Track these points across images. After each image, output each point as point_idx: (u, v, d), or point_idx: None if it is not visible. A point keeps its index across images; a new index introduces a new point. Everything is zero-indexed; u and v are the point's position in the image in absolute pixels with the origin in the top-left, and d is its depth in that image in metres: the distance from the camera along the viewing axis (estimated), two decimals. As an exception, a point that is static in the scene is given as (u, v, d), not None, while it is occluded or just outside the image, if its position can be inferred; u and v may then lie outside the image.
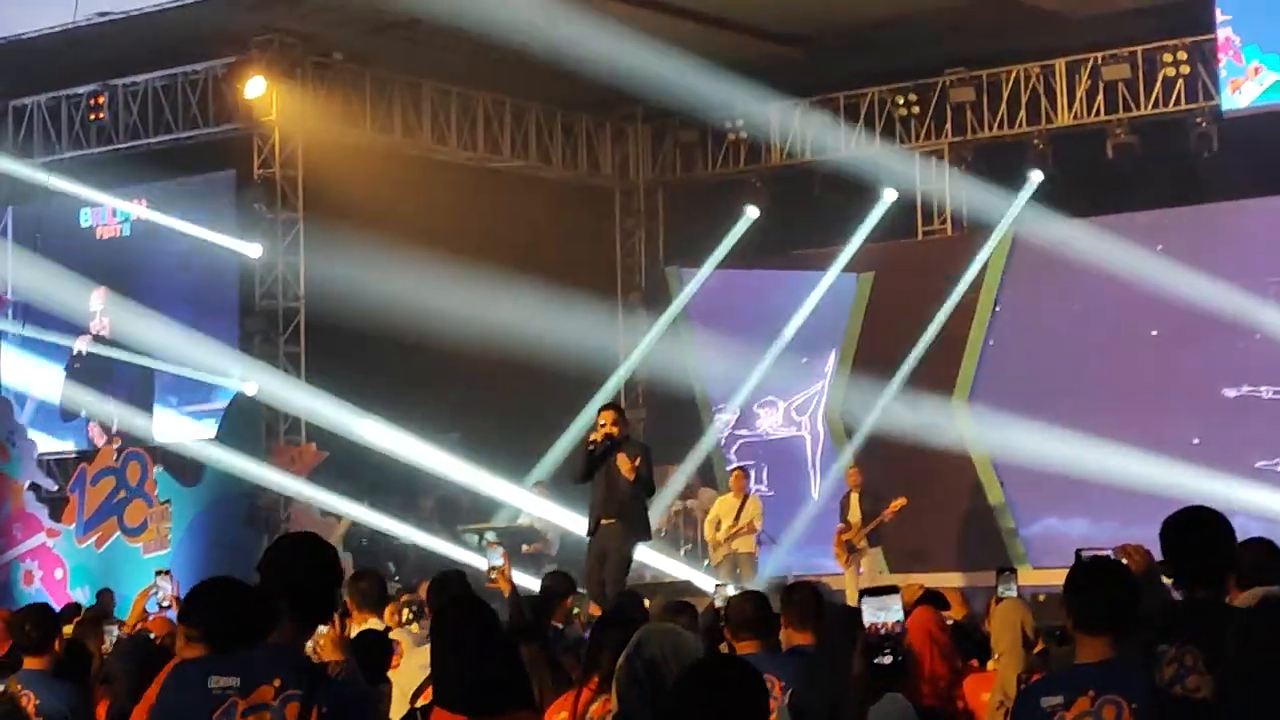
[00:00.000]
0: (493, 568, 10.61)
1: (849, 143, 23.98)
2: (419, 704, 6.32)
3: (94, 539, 22.05)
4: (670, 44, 22.31)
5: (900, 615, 4.85)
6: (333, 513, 21.05)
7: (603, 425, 14.60)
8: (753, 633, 7.67)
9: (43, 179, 22.91)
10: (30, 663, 8.03)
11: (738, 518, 20.49)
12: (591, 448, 14.66)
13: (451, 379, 20.98)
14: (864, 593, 4.86)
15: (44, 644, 8.04)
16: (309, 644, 5.92)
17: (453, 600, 6.66)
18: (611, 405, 15.05)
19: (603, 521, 14.69)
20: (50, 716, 7.79)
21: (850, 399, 23.37)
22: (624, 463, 14.35)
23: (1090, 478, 20.89)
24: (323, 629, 5.94)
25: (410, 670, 7.94)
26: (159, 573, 9.95)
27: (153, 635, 9.12)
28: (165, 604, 9.74)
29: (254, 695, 4.84)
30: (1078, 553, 5.77)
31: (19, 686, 7.83)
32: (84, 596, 20.20)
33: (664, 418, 25.24)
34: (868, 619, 4.83)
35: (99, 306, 22.72)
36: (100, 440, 23.04)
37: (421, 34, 21.71)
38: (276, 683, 4.85)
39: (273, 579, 5.07)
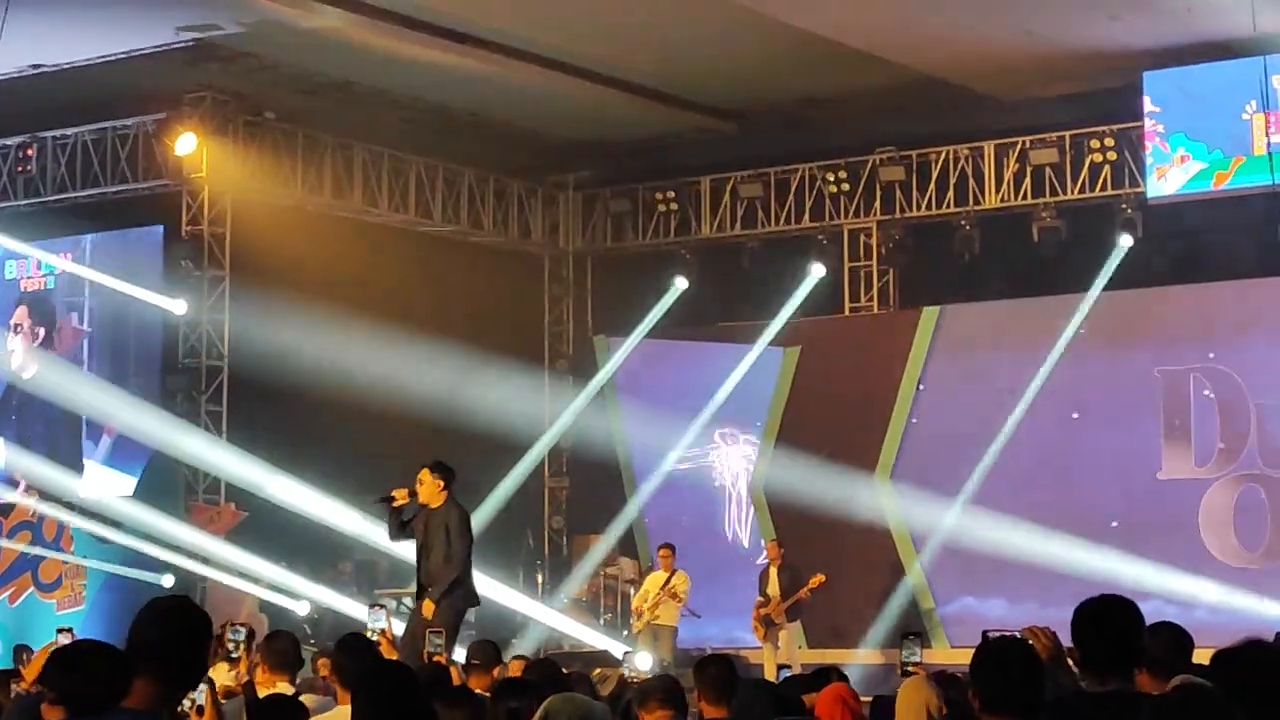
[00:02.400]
0: (373, 630, 10.51)
1: (779, 218, 24.10)
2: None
3: (7, 594, 21.84)
4: (604, 114, 22.44)
5: None
6: (250, 574, 20.88)
7: (420, 484, 14.08)
8: (668, 706, 7.66)
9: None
10: None
11: (664, 588, 20.44)
12: (391, 503, 14.24)
13: (374, 442, 20.87)
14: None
15: None
16: (185, 705, 5.88)
17: (378, 665, 6.64)
18: (433, 465, 14.42)
19: (429, 588, 14.03)
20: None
21: (772, 472, 23.38)
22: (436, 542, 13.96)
23: (1009, 558, 20.96)
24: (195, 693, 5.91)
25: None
26: (60, 630, 9.84)
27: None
28: None
29: None
30: (984, 634, 5.77)
31: None
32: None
33: (587, 486, 25.21)
34: None
35: (19, 335, 22.43)
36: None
37: (355, 96, 21.75)
38: None
39: (134, 641, 5.00)
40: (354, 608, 20.55)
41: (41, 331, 22.61)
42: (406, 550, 14.66)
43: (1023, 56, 20.63)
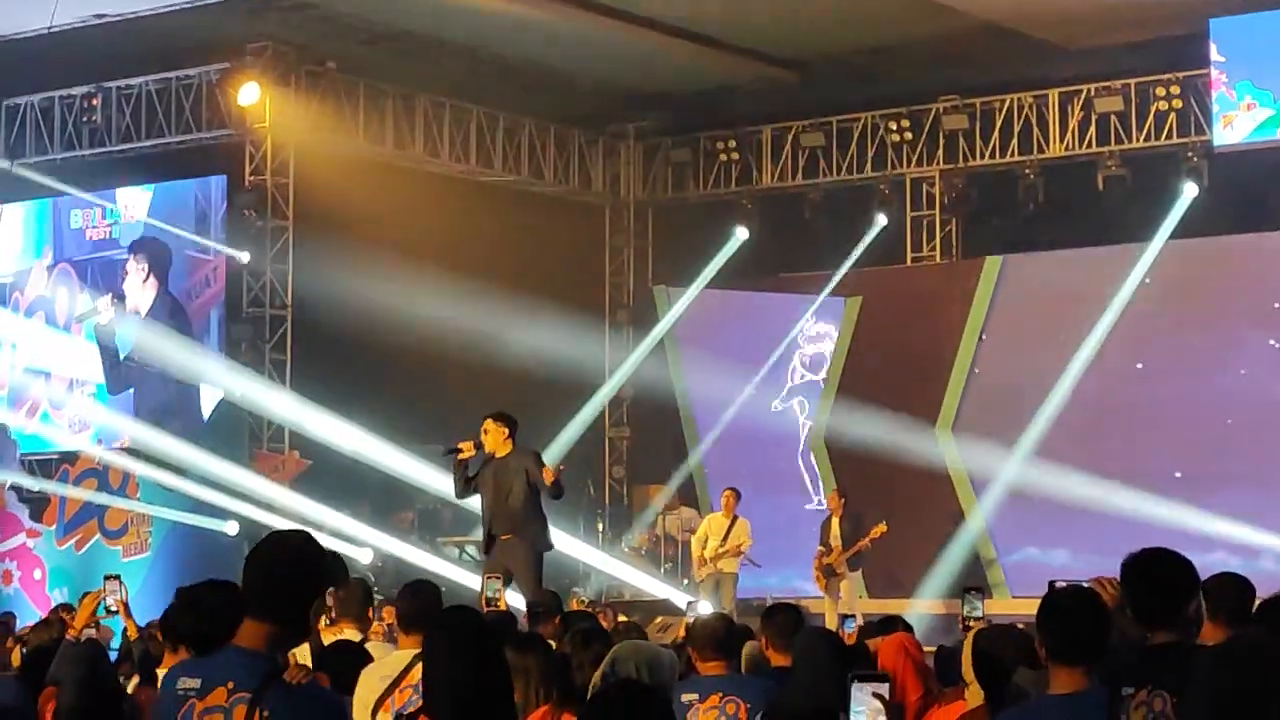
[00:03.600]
0: (490, 598, 10.69)
1: (840, 167, 24.01)
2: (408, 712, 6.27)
3: (74, 541, 22.00)
4: (665, 63, 22.39)
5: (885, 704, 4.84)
6: (313, 522, 20.99)
7: (485, 433, 14.14)
8: (719, 653, 7.70)
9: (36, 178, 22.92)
10: None
11: (726, 537, 20.47)
12: (457, 455, 14.33)
13: (437, 391, 20.96)
14: (856, 676, 4.83)
15: None
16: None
17: (448, 611, 6.65)
18: (496, 415, 14.36)
19: (501, 538, 14.11)
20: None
21: (834, 422, 23.38)
22: (545, 473, 13.98)
23: (1072, 508, 20.91)
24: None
25: (370, 681, 7.89)
26: (108, 577, 9.81)
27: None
28: (114, 609, 9.60)
29: (210, 697, 4.83)
30: (1051, 584, 5.78)
31: None
32: (62, 597, 20.15)
33: (648, 436, 25.25)
34: (855, 707, 4.80)
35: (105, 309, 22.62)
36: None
37: (416, 46, 21.75)
38: (230, 684, 4.82)
39: (245, 578, 4.96)
40: (418, 556, 20.69)
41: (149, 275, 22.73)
42: (471, 499, 14.73)
43: (1087, 4, 20.49)
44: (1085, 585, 5.89)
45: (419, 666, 7.78)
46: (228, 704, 4.81)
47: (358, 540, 20.92)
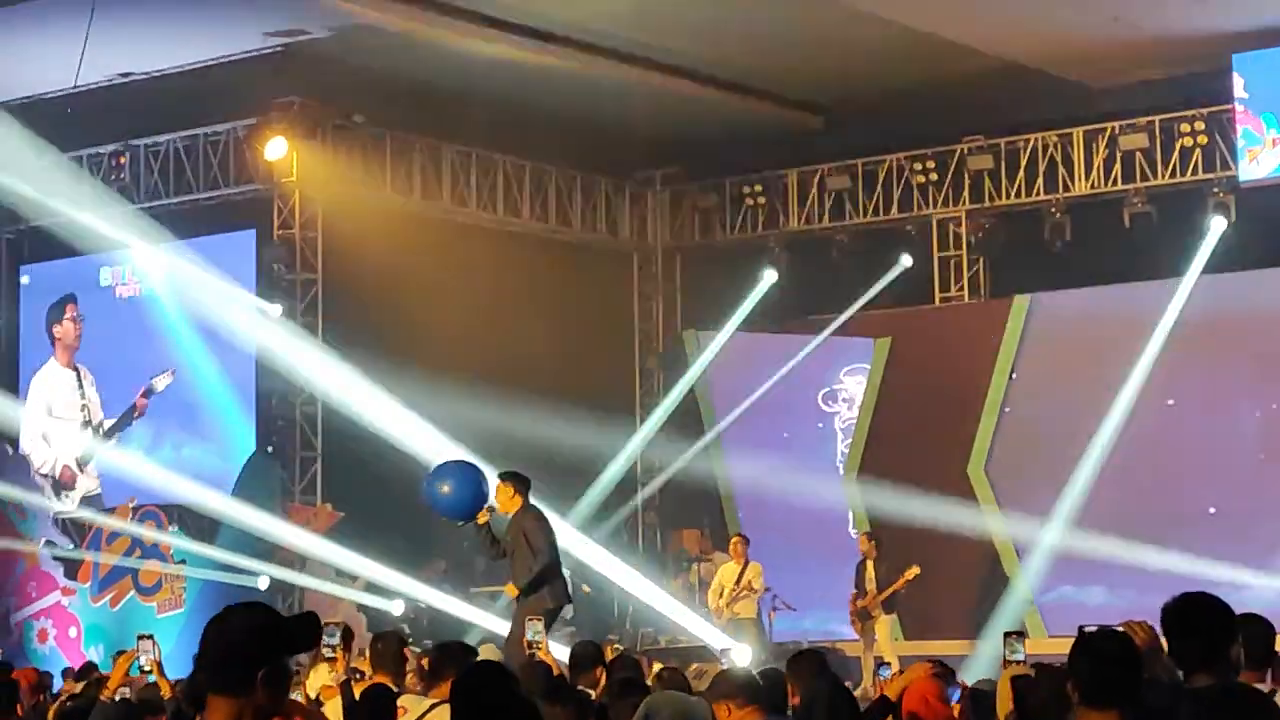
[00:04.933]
0: (532, 642, 10.71)
1: (867, 209, 24.04)
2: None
3: (108, 598, 22.08)
4: (690, 109, 22.46)
5: None
6: (348, 573, 21.02)
7: (496, 495, 14.34)
8: (751, 701, 7.73)
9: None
10: None
11: (738, 582, 20.51)
12: (476, 522, 14.48)
13: (466, 439, 20.97)
14: None
15: (7, 708, 8.00)
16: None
17: (478, 665, 6.67)
18: (502, 475, 14.52)
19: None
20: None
21: (865, 463, 23.35)
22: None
23: (1106, 546, 20.83)
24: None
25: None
26: (141, 637, 9.80)
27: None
28: (147, 669, 9.58)
29: None
30: (1080, 629, 5.77)
31: None
32: (97, 655, 20.23)
33: (681, 481, 25.22)
34: None
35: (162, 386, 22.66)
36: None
37: (441, 97, 21.84)
38: None
39: (199, 655, 4.86)
40: (451, 606, 20.67)
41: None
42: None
43: (1110, 42, 20.52)
44: (1117, 628, 5.89)
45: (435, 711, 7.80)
46: None
47: (390, 591, 20.93)
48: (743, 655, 17.28)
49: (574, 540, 20.99)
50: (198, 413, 22.09)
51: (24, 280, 24.06)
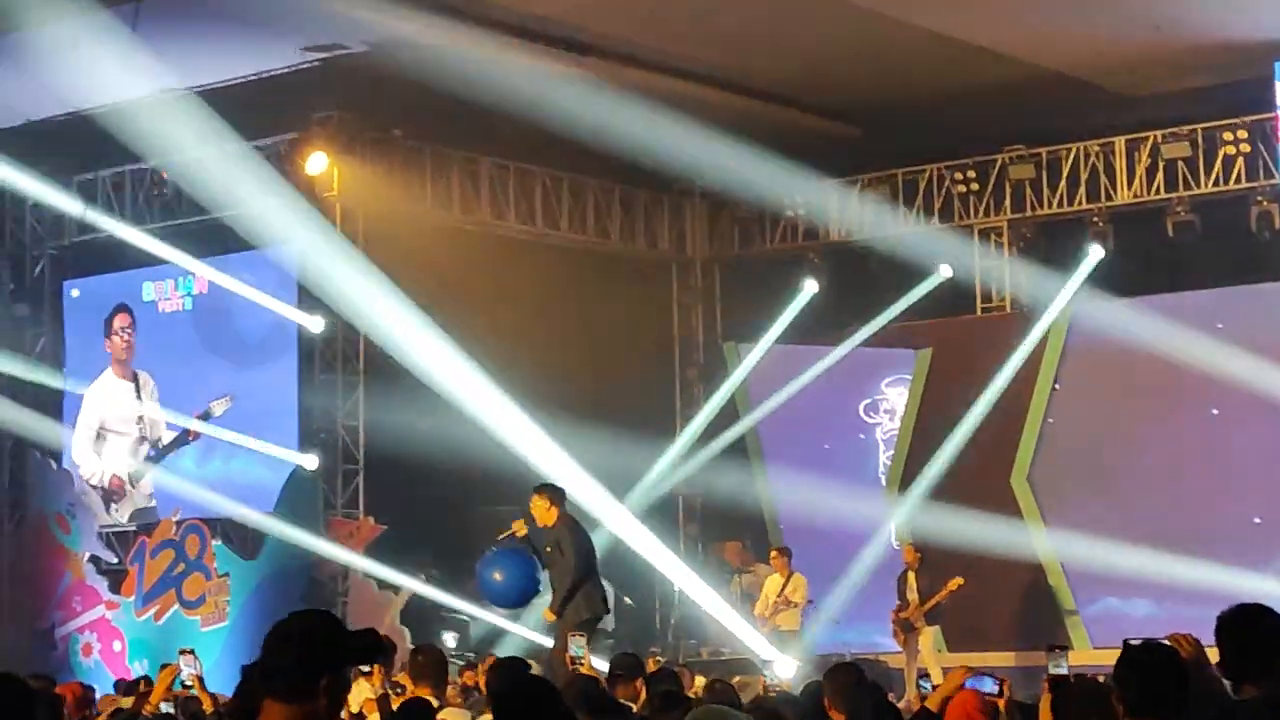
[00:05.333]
0: (574, 657, 10.73)
1: (907, 220, 23.98)
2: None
3: (153, 611, 22.13)
4: (728, 121, 22.42)
5: None
6: (390, 585, 21.04)
7: (533, 509, 14.52)
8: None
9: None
10: None
11: (781, 594, 20.50)
12: (512, 537, 14.54)
13: (507, 450, 20.97)
14: None
15: None
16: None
17: (518, 681, 6.67)
18: (537, 488, 14.76)
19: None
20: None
21: (907, 474, 23.29)
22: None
23: (1151, 557, 20.73)
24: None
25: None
26: (183, 651, 9.79)
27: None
28: (189, 684, 9.58)
29: None
30: (1125, 642, 5.76)
31: None
32: (142, 669, 20.26)
33: (722, 493, 25.16)
34: None
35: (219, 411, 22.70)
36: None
37: (480, 110, 21.83)
38: None
39: (261, 658, 4.85)
40: (492, 619, 20.68)
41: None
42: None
43: (1151, 50, 20.44)
44: (1162, 641, 5.87)
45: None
46: None
47: (432, 605, 20.94)
48: (786, 668, 17.24)
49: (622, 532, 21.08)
50: (244, 427, 22.14)
51: (74, 294, 24.12)
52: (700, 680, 12.60)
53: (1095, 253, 22.50)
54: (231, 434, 22.06)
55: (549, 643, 14.97)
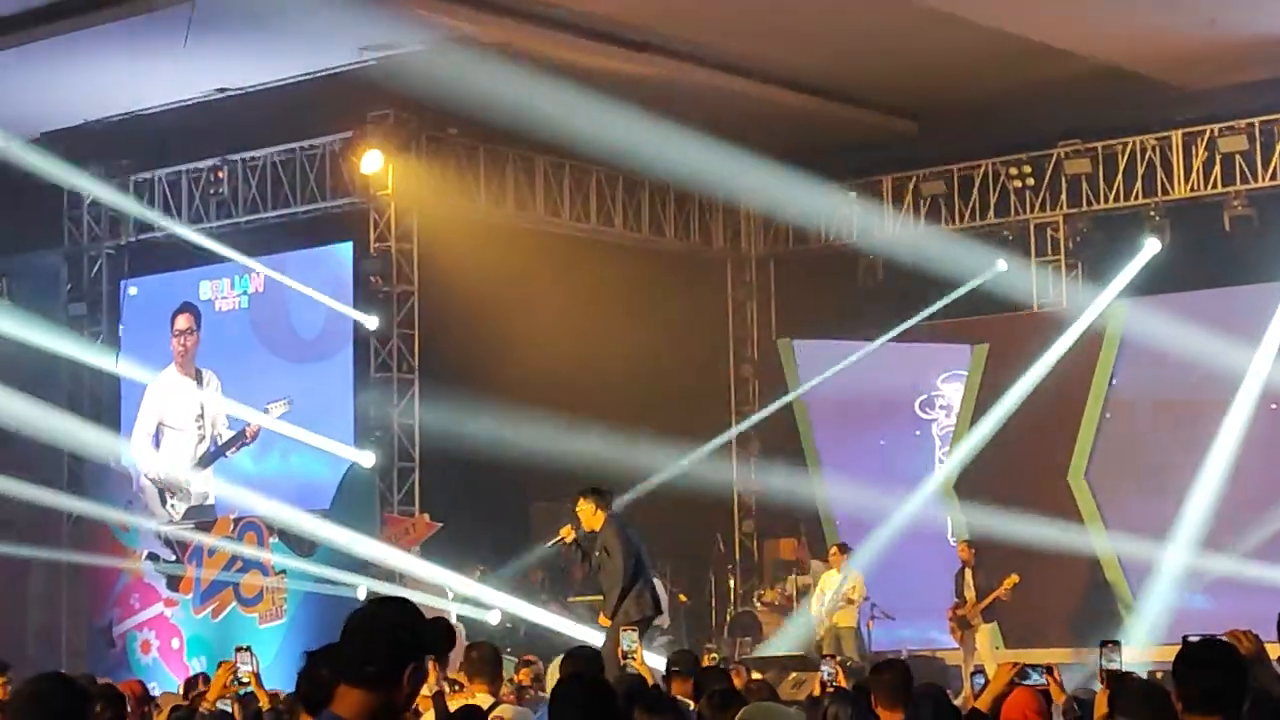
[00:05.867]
0: (626, 651, 10.72)
1: (962, 215, 23.90)
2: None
3: (210, 609, 22.26)
4: (784, 117, 22.40)
5: None
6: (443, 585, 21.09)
7: (579, 514, 14.55)
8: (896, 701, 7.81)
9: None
10: None
11: (838, 592, 20.49)
12: (561, 544, 14.60)
13: (562, 446, 20.99)
14: None
15: None
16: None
17: (570, 676, 6.70)
18: (580, 491, 14.71)
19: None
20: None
21: (964, 470, 23.22)
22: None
23: (1209, 553, 20.62)
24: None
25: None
26: (239, 649, 9.80)
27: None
28: (245, 681, 9.58)
29: None
30: (1184, 638, 5.74)
31: None
32: (200, 666, 20.38)
33: (777, 490, 25.15)
34: None
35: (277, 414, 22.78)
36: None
37: (534, 107, 21.86)
38: None
39: (341, 644, 4.81)
40: (546, 617, 20.71)
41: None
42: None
43: (1207, 44, 20.32)
44: (1221, 637, 5.85)
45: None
46: None
47: (485, 602, 20.98)
48: (842, 666, 17.20)
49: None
50: (300, 425, 22.22)
51: (132, 291, 24.25)
52: (757, 676, 12.59)
53: (1151, 247, 22.39)
54: (292, 429, 22.11)
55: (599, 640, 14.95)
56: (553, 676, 10.96)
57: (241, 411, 22.66)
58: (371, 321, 21.84)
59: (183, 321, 23.55)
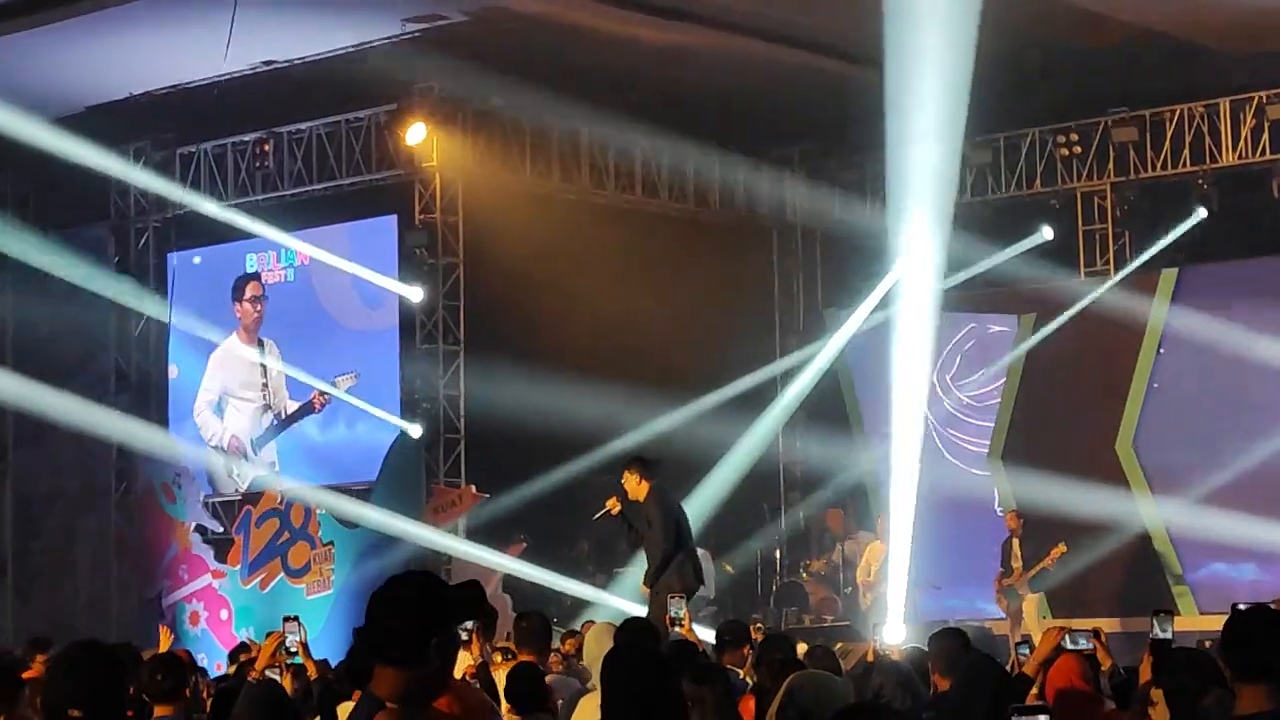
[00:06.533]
0: (674, 619, 10.75)
1: (1009, 183, 23.80)
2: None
3: (258, 580, 22.32)
4: (825, 85, 22.30)
5: None
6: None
7: (625, 485, 14.63)
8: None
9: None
10: (160, 710, 8.05)
11: (887, 562, 20.48)
12: (608, 516, 14.64)
13: (608, 417, 21.01)
14: (1016, 710, 4.71)
15: (174, 692, 8.09)
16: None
17: (624, 645, 6.72)
18: (626, 462, 14.85)
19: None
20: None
21: (1011, 440, 23.14)
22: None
23: (1258, 522, 20.52)
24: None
25: (587, 708, 8.03)
26: (287, 619, 9.83)
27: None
28: (293, 650, 9.62)
29: None
30: (1234, 606, 5.72)
31: None
32: (248, 637, 20.45)
33: (823, 459, 25.11)
34: None
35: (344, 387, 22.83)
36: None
37: (578, 78, 21.85)
38: None
39: (366, 624, 4.85)
40: (591, 588, 20.74)
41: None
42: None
43: (1255, 11, 20.16)
44: (1270, 605, 5.84)
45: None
46: None
47: (529, 574, 20.99)
48: (894, 634, 17.20)
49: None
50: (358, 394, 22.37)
51: (196, 261, 24.28)
52: (803, 647, 12.57)
53: (1199, 215, 22.25)
54: (359, 401, 22.21)
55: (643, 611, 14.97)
56: (589, 646, 10.97)
57: (312, 383, 22.67)
58: (415, 294, 21.87)
59: (253, 289, 23.57)
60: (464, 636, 9.41)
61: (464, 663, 9.45)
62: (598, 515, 14.99)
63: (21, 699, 6.83)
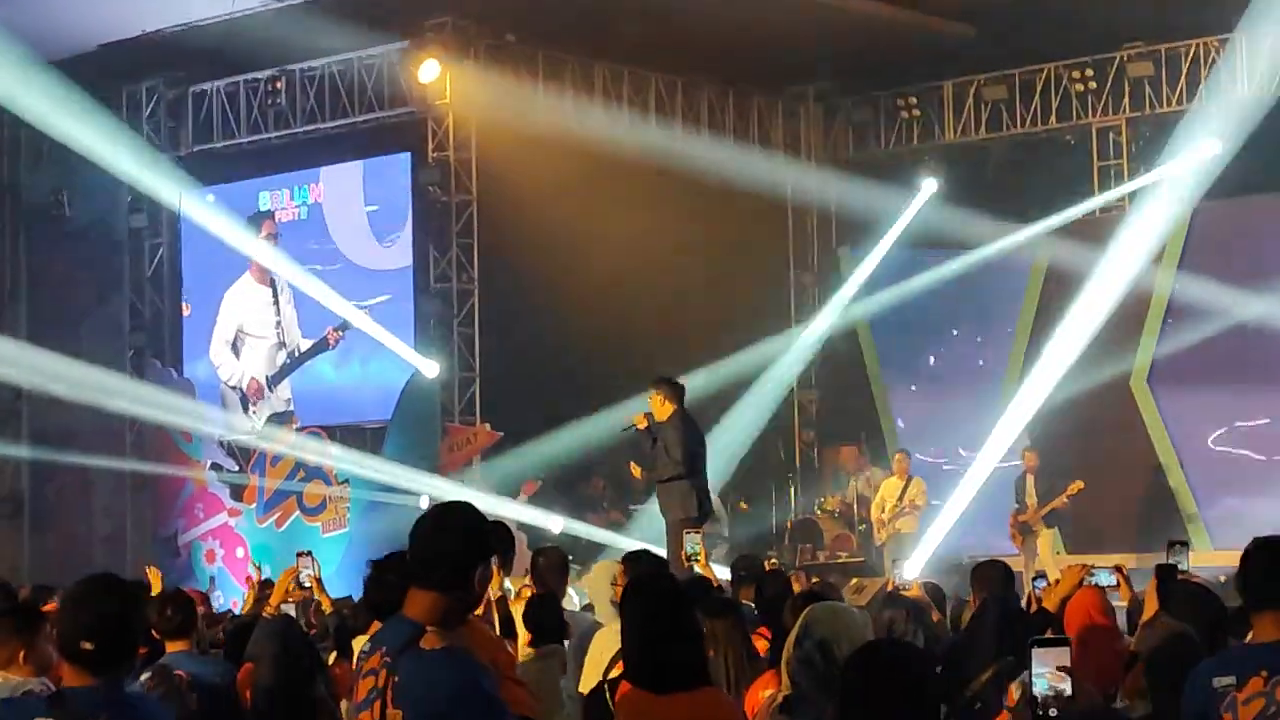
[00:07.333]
0: (690, 554, 10.78)
1: (1024, 120, 23.70)
2: (610, 676, 6.35)
3: (274, 518, 22.39)
4: (843, 21, 22.19)
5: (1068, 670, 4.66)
6: (508, 491, 21.17)
7: (651, 404, 14.72)
8: None
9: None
10: (172, 646, 8.18)
11: (901, 498, 20.51)
12: (635, 430, 14.75)
13: (621, 355, 21.02)
14: (1035, 642, 4.71)
15: (185, 627, 8.19)
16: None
17: (642, 578, 6.72)
18: (653, 381, 14.86)
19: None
20: (204, 687, 7.93)
21: (1025, 377, 23.10)
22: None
23: (1273, 458, 20.51)
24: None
25: (603, 641, 8.05)
26: (300, 554, 9.97)
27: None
28: (307, 585, 9.79)
29: (371, 661, 4.91)
30: (1255, 539, 5.73)
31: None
32: (265, 575, 20.51)
33: (837, 398, 25.13)
34: (1036, 671, 4.64)
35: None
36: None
37: (593, 13, 21.75)
38: (382, 651, 4.89)
39: (411, 548, 4.95)
40: (605, 532, 20.78)
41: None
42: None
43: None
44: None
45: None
46: (378, 668, 4.87)
47: (545, 511, 21.02)
48: (911, 570, 17.21)
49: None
50: (362, 337, 22.32)
51: (210, 199, 24.26)
52: (815, 580, 12.60)
53: (1214, 148, 22.12)
54: (378, 329, 22.17)
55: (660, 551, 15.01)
56: (593, 579, 11.02)
57: (338, 305, 22.57)
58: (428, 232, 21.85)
59: (267, 227, 23.53)
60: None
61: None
62: (625, 427, 15.13)
63: (43, 632, 6.90)
